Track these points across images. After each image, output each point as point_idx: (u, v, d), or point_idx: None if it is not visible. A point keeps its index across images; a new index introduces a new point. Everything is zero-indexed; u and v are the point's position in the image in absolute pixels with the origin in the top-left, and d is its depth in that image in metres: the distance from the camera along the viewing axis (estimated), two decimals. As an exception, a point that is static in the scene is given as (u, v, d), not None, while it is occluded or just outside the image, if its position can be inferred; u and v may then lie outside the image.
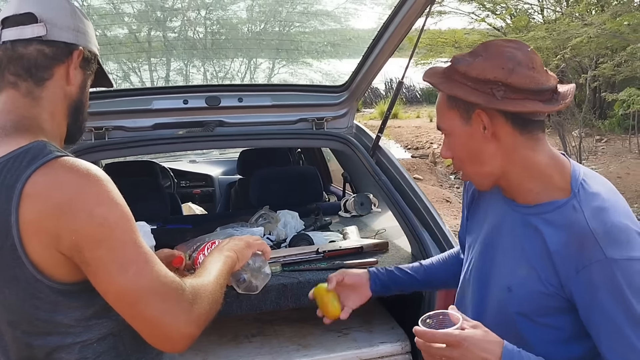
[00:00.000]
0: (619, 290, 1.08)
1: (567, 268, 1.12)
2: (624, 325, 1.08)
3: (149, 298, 1.05)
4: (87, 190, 1.04)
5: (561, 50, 9.71)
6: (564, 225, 1.14)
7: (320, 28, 3.24)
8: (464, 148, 1.24)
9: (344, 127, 2.77)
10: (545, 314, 1.18)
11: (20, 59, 1.15)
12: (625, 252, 1.09)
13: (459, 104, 1.20)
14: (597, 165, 9.25)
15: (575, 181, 1.18)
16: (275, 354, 2.15)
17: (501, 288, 1.23)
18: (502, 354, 1.10)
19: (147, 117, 2.55)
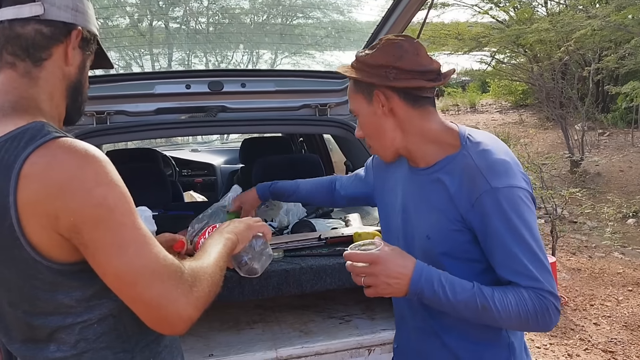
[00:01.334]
0: (504, 213, 1.29)
1: (464, 202, 1.34)
2: (511, 244, 1.29)
3: (148, 280, 1.03)
4: (86, 170, 1.02)
5: (565, 43, 9.65)
6: (459, 170, 1.37)
7: (323, 19, 3.22)
8: (370, 125, 1.47)
9: (348, 114, 2.75)
10: (460, 249, 1.38)
11: (18, 39, 1.13)
12: (505, 181, 1.30)
13: (362, 87, 1.44)
14: (600, 159, 9.23)
15: (463, 137, 1.41)
16: (276, 340, 2.15)
17: (422, 238, 1.44)
18: (414, 267, 1.31)
19: (149, 101, 2.53)
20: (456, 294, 1.29)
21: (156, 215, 2.35)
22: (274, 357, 2.08)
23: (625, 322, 4.23)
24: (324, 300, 2.44)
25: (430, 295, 1.30)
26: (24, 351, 1.16)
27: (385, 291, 1.32)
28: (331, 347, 2.12)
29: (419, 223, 1.46)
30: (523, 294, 1.28)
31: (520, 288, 1.29)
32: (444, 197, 1.39)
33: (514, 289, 1.30)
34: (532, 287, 1.29)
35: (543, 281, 1.29)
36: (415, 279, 1.30)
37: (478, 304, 1.28)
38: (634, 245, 6.13)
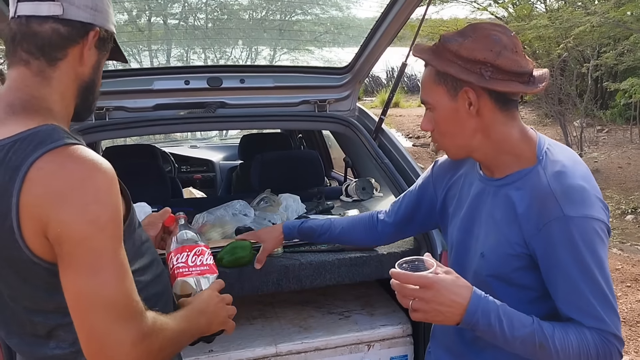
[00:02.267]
0: (575, 246, 1.18)
1: (530, 227, 1.23)
2: (578, 279, 1.19)
3: (103, 312, 1.00)
4: (88, 184, 1.01)
5: (564, 39, 9.65)
6: (529, 188, 1.26)
7: (322, 15, 3.22)
8: (448, 123, 1.33)
9: (347, 110, 2.75)
10: (514, 275, 1.28)
11: (34, 37, 1.11)
12: (581, 211, 1.19)
13: (447, 80, 1.29)
14: (599, 155, 9.24)
15: (540, 151, 1.30)
16: (276, 336, 2.15)
17: (476, 255, 1.34)
18: (471, 297, 1.19)
19: (148, 97, 2.53)
20: (514, 330, 1.18)
21: (155, 211, 2.35)
22: (274, 352, 2.09)
23: (623, 317, 4.23)
24: (324, 296, 2.44)
25: (484, 329, 1.20)
26: (23, 346, 1.16)
27: (435, 318, 1.21)
28: (331, 342, 2.12)
29: (477, 237, 1.36)
30: (586, 335, 1.18)
31: (583, 328, 1.19)
32: (509, 216, 1.28)
33: (576, 328, 1.19)
34: (597, 328, 1.18)
35: (610, 323, 1.18)
36: (471, 311, 1.18)
37: (536, 341, 1.18)
38: (633, 241, 6.14)
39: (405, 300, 1.22)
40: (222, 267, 1.91)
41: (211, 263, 1.40)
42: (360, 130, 2.63)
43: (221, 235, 2.37)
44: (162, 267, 1.33)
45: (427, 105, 1.35)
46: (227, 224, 2.52)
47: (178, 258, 1.36)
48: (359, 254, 2.14)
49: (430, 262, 1.23)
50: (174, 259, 1.36)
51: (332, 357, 2.12)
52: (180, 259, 1.36)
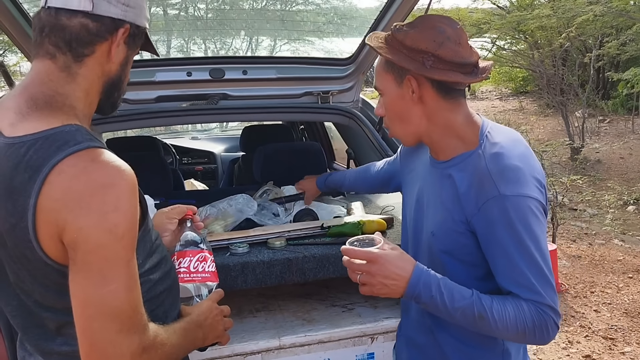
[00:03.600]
0: (511, 223, 1.24)
1: (470, 206, 1.29)
2: (515, 255, 1.24)
3: (108, 321, 1.00)
4: (110, 191, 0.99)
5: (566, 29, 9.59)
6: (470, 170, 1.32)
7: (324, 6, 3.19)
8: (395, 108, 1.40)
9: (350, 101, 2.73)
10: (462, 251, 1.34)
11: (63, 31, 1.09)
12: (515, 189, 1.25)
13: (394, 68, 1.36)
14: (600, 146, 9.21)
15: (482, 134, 1.36)
16: (279, 328, 2.15)
17: (428, 234, 1.41)
18: (413, 270, 1.27)
19: (150, 89, 2.51)
20: (454, 301, 1.26)
21: (157, 204, 2.34)
22: (277, 345, 2.08)
23: (625, 309, 4.24)
24: (327, 289, 2.44)
25: (427, 300, 1.28)
26: (31, 339, 1.16)
27: (380, 291, 1.29)
28: (334, 335, 2.12)
29: (428, 217, 1.43)
30: (523, 307, 1.25)
31: (520, 300, 1.26)
32: (452, 195, 1.35)
33: (513, 300, 1.26)
34: (533, 300, 1.25)
35: (545, 295, 1.25)
36: (413, 283, 1.27)
37: (475, 312, 1.25)
38: (634, 232, 6.14)
39: (354, 275, 1.31)
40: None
41: (213, 270, 1.41)
42: (363, 122, 2.61)
43: (224, 228, 2.37)
44: (171, 263, 1.32)
45: (378, 90, 1.43)
46: (230, 217, 2.51)
47: (180, 262, 1.36)
48: (362, 247, 2.14)
49: (378, 239, 1.32)
50: (176, 263, 1.37)
51: (335, 349, 2.12)
52: (183, 264, 1.36)
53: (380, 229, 2.27)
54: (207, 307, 1.32)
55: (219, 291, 1.38)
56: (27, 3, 2.12)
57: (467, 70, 1.33)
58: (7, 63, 9.77)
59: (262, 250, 2.16)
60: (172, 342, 1.13)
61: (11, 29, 2.09)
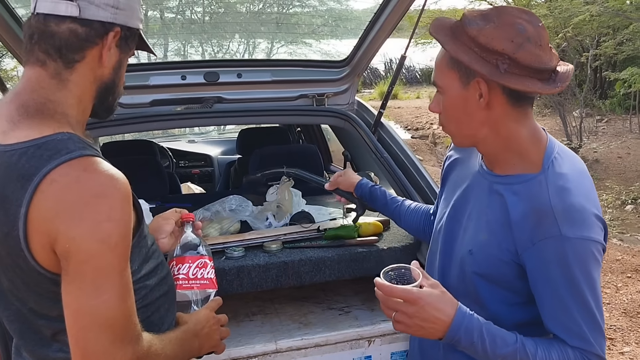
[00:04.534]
0: (568, 267, 1.14)
1: (524, 238, 1.18)
2: (567, 299, 1.16)
3: (101, 332, 0.99)
4: (103, 201, 0.98)
5: (563, 29, 9.61)
6: (528, 197, 1.20)
7: (320, 8, 3.19)
8: (456, 109, 1.25)
9: (345, 104, 2.73)
10: (501, 279, 1.24)
11: (52, 37, 1.08)
12: (578, 232, 1.14)
13: (461, 66, 1.20)
14: (598, 146, 9.22)
15: (548, 158, 1.23)
16: (276, 332, 2.14)
17: (464, 250, 1.30)
18: (455, 315, 1.16)
19: (144, 93, 2.50)
20: (496, 348, 1.17)
21: (153, 208, 2.34)
22: (274, 349, 2.07)
23: (624, 308, 4.23)
24: (323, 292, 2.43)
25: (467, 346, 1.18)
26: (27, 345, 1.16)
27: (417, 333, 1.19)
28: (331, 338, 2.11)
29: (467, 232, 1.31)
30: (569, 355, 1.17)
31: (567, 347, 1.17)
32: (502, 219, 1.23)
33: (559, 346, 1.18)
34: (581, 348, 1.16)
35: (595, 344, 1.16)
36: (455, 329, 1.16)
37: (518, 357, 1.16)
38: (633, 231, 6.14)
39: (388, 312, 1.19)
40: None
41: (212, 277, 1.39)
42: (359, 124, 2.60)
43: (219, 231, 2.36)
44: (167, 269, 1.31)
45: (438, 87, 1.27)
46: (225, 220, 2.51)
47: (180, 268, 1.34)
48: (359, 250, 2.13)
49: (416, 272, 1.19)
50: (175, 269, 1.35)
51: (332, 353, 2.11)
52: (182, 270, 1.34)
53: (377, 231, 2.26)
54: (204, 316, 1.30)
55: (217, 299, 1.37)
56: (20, 9, 2.11)
57: (545, 76, 1.18)
58: (5, 68, 9.75)
59: (257, 254, 2.15)
60: (166, 352, 1.12)
61: (4, 34, 2.08)
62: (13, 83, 8.28)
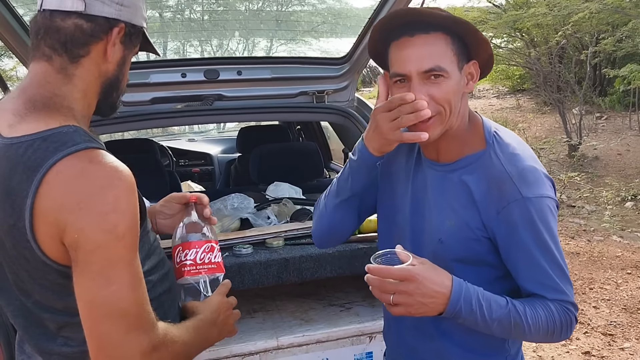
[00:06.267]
0: (534, 226, 1.21)
1: (489, 211, 1.23)
2: (539, 257, 1.22)
3: (116, 321, 0.99)
4: (108, 192, 0.99)
5: (562, 27, 9.59)
6: (484, 173, 1.25)
7: (319, 6, 3.19)
8: (457, 95, 1.24)
9: (345, 100, 2.73)
10: (477, 258, 1.27)
11: (57, 32, 1.09)
12: (536, 191, 1.21)
13: (461, 49, 1.24)
14: (598, 142, 9.22)
15: (489, 134, 1.29)
16: (277, 328, 2.15)
17: (433, 240, 1.31)
18: (452, 285, 1.18)
19: (144, 91, 2.51)
20: (492, 312, 1.20)
21: (154, 206, 2.34)
22: (275, 345, 2.08)
23: (624, 305, 4.24)
24: (325, 288, 2.44)
25: (467, 315, 1.19)
26: (32, 339, 1.16)
27: (418, 311, 1.18)
28: (332, 334, 2.12)
29: (432, 224, 1.33)
30: (551, 308, 1.23)
31: (547, 301, 1.23)
32: (466, 201, 1.26)
33: (542, 302, 1.23)
34: (559, 300, 1.23)
35: (569, 293, 1.24)
36: (455, 299, 1.17)
37: (512, 321, 1.21)
38: (633, 228, 6.14)
39: (384, 296, 1.18)
40: None
41: (219, 261, 1.36)
42: (359, 121, 2.61)
43: (220, 229, 2.37)
44: (169, 265, 1.31)
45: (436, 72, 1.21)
46: (225, 217, 2.52)
47: (187, 254, 1.32)
48: (359, 246, 2.13)
49: (404, 254, 1.20)
50: (182, 255, 1.32)
51: (333, 349, 2.12)
52: (189, 256, 1.31)
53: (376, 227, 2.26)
54: (218, 304, 1.29)
55: (226, 283, 1.35)
56: (21, 7, 2.11)
57: None
58: (4, 68, 9.74)
59: (258, 251, 2.16)
60: (184, 339, 1.12)
61: (6, 34, 2.09)
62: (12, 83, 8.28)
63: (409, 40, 1.21)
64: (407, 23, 1.22)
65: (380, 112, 1.22)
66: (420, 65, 1.20)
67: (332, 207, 1.44)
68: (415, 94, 1.19)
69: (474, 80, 1.27)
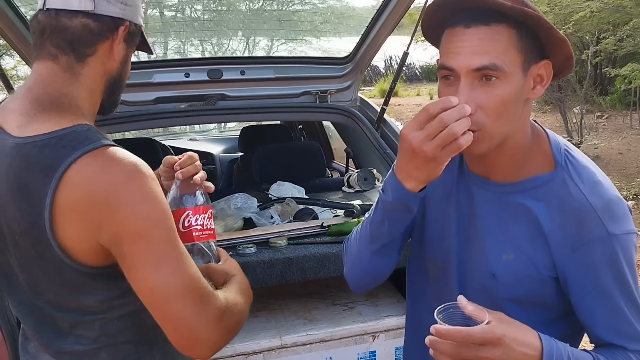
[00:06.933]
0: (618, 266, 1.04)
1: (563, 247, 1.05)
2: (621, 303, 1.05)
3: (181, 299, 1.02)
4: (133, 184, 1.01)
5: (563, 25, 9.60)
6: (558, 201, 1.06)
7: (321, 5, 3.20)
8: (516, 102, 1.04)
9: (348, 100, 2.74)
10: (536, 299, 1.11)
11: (64, 32, 1.09)
12: (624, 227, 1.05)
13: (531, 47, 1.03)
14: (599, 141, 9.23)
15: (559, 152, 1.10)
16: (280, 328, 2.15)
17: (483, 274, 1.12)
18: (542, 346, 0.99)
19: (148, 90, 2.51)
20: None
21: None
22: (279, 344, 2.09)
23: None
24: (328, 288, 2.44)
25: None
26: (42, 338, 1.16)
27: None
28: (335, 334, 2.12)
29: (484, 255, 1.13)
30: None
31: (628, 352, 1.06)
32: (532, 233, 1.07)
33: (623, 355, 1.06)
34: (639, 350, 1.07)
35: None
36: None
37: None
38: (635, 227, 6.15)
39: None
40: None
41: (214, 227, 1.37)
42: (362, 121, 2.61)
43: (223, 228, 2.37)
44: None
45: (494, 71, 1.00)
46: (229, 217, 2.52)
47: (197, 219, 1.30)
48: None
49: (471, 308, 0.97)
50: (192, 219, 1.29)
51: (337, 348, 2.12)
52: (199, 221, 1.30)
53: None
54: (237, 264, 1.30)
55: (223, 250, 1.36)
56: (24, 6, 2.12)
57: None
58: (5, 67, 9.75)
59: (262, 250, 2.17)
60: (239, 300, 1.15)
61: (9, 33, 2.09)
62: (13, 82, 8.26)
63: (464, 30, 1.01)
64: (465, 9, 1.02)
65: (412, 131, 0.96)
66: (472, 61, 0.99)
67: (368, 254, 1.20)
68: (460, 97, 0.98)
69: (544, 84, 1.06)
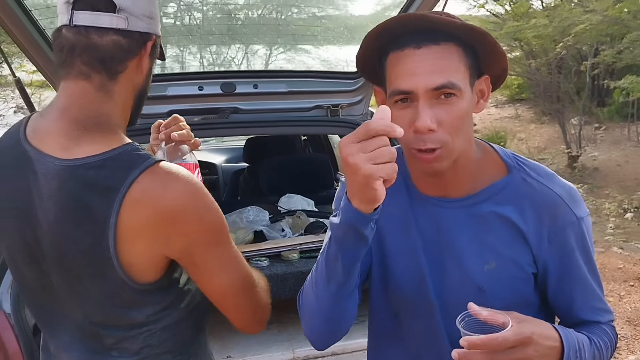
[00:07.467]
0: (586, 246, 1.12)
1: (540, 242, 1.09)
2: (591, 280, 1.13)
3: (248, 292, 1.16)
4: (195, 197, 1.06)
5: (562, 38, 9.66)
6: (527, 199, 1.09)
7: (318, 14, 3.21)
8: (468, 117, 1.06)
9: (359, 114, 2.76)
10: (520, 300, 1.12)
11: (96, 50, 1.08)
12: (585, 209, 1.13)
13: (474, 64, 1.06)
14: (598, 153, 9.28)
15: (508, 156, 1.14)
16: (293, 340, 2.17)
17: (470, 292, 1.10)
18: (560, 334, 1.03)
19: (162, 103, 2.53)
20: (585, 353, 1.06)
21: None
22: (291, 357, 2.11)
23: (628, 317, 4.26)
24: (338, 301, 2.45)
25: None
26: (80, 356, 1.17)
27: None
28: (347, 347, 2.14)
29: (464, 272, 1.12)
30: (608, 332, 1.14)
31: (601, 326, 1.13)
32: (509, 236, 1.10)
33: (601, 329, 1.13)
34: (610, 320, 1.16)
35: (612, 311, 1.16)
36: (567, 350, 1.02)
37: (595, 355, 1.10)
38: (634, 240, 6.18)
39: None
40: None
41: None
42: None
43: (235, 241, 2.39)
44: None
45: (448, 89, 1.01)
46: (240, 230, 2.54)
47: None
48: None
49: (486, 313, 0.98)
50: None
51: (349, 361, 2.14)
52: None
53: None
54: None
55: None
56: (43, 19, 2.13)
57: None
58: (2, 74, 9.71)
59: (274, 264, 2.18)
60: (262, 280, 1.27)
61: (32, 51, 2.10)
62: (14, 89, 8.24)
63: (415, 51, 1.01)
64: (413, 31, 1.02)
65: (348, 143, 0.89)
66: (430, 80, 0.99)
67: (327, 298, 1.09)
68: (421, 117, 0.99)
69: (485, 98, 1.09)
